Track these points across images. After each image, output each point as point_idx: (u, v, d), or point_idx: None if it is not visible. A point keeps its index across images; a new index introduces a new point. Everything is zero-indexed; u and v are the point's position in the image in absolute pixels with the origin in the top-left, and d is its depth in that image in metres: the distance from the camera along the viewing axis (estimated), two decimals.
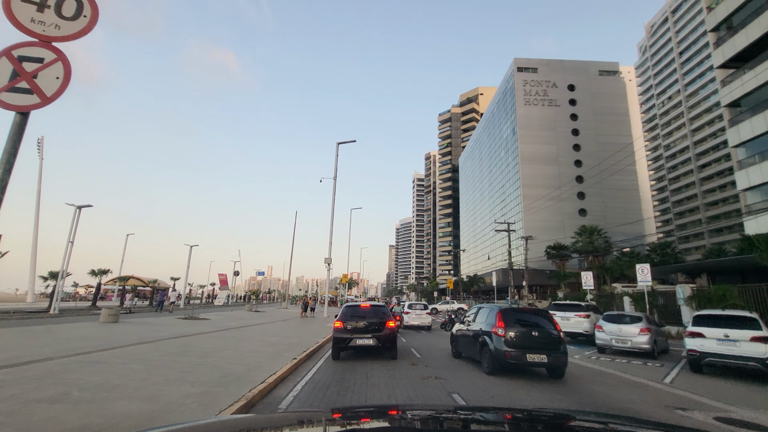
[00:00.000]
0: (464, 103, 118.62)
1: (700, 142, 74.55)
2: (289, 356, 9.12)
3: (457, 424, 1.49)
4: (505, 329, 8.15)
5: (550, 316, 8.86)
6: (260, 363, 7.98)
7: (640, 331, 11.94)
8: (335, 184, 31.09)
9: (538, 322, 8.55)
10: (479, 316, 9.67)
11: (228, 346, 10.25)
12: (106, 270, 32.50)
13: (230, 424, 1.58)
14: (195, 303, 51.71)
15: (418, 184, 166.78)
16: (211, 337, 12.22)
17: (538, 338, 8.15)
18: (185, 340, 10.99)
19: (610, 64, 65.56)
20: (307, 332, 15.97)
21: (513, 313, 8.72)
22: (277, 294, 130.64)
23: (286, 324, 20.31)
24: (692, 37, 77.35)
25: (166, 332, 12.74)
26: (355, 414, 1.81)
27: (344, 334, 9.53)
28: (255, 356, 8.84)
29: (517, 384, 7.46)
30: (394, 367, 8.85)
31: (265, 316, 26.38)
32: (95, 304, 31.71)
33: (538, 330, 8.27)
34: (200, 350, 9.26)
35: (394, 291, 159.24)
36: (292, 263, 45.23)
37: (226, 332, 14.01)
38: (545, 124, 60.44)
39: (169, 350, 9.14)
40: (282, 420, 1.71)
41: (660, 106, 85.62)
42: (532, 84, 62.25)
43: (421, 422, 1.50)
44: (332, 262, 29.43)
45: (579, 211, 58.01)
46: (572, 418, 1.59)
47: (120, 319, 16.32)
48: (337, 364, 9.29)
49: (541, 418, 1.69)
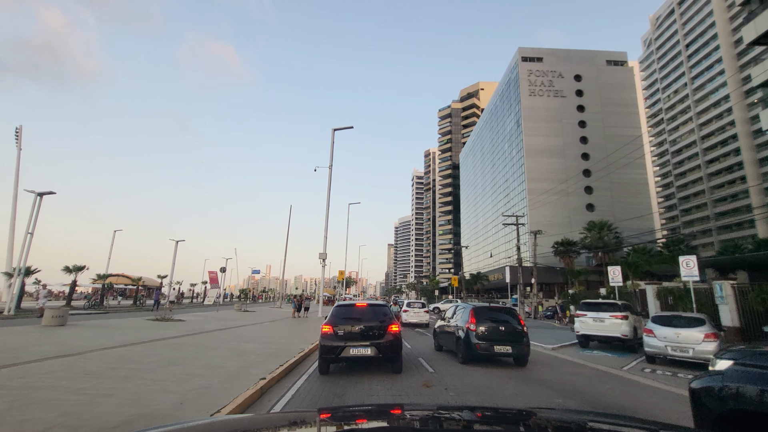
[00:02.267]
0: (465, 98, 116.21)
1: (708, 136, 72.41)
2: (257, 374, 6.68)
3: (446, 424, 1.48)
4: (477, 325, 9.13)
5: (515, 313, 9.90)
6: (203, 392, 5.50)
7: (705, 337, 9.54)
8: (331, 173, 28.97)
9: (505, 318, 9.51)
10: (456, 313, 10.56)
11: (179, 360, 7.78)
12: (82, 266, 29.94)
13: (230, 423, 1.56)
14: (184, 303, 49.19)
15: (418, 181, 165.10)
16: (168, 345, 9.75)
17: (504, 332, 9.14)
18: (126, 351, 8.52)
19: (617, 54, 63.18)
20: (294, 336, 13.53)
21: (484, 311, 9.66)
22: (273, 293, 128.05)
23: (273, 326, 17.87)
24: (699, 29, 75.09)
25: (111, 339, 10.26)
26: (345, 415, 1.77)
27: (334, 341, 7.35)
28: (205, 377, 6.38)
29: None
30: (400, 384, 6.42)
31: (252, 317, 23.93)
32: (70, 304, 29.16)
33: (505, 325, 9.26)
34: (130, 368, 6.79)
35: (394, 290, 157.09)
36: (290, 261, 42.94)
37: (193, 338, 11.55)
38: (551, 116, 57.99)
39: (81, 368, 6.67)
40: (280, 420, 1.70)
41: (666, 101, 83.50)
42: (537, 74, 59.76)
43: (410, 422, 1.49)
44: (327, 258, 27.08)
45: (586, 206, 55.64)
46: (534, 415, 1.60)
47: (75, 321, 13.87)
48: (325, 382, 6.93)
49: (522, 414, 1.71)
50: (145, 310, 29.34)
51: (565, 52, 62.31)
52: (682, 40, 78.87)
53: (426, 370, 8.20)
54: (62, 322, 12.41)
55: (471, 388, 6.68)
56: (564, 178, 54.83)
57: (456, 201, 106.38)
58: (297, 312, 26.90)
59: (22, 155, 26.25)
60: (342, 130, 30.31)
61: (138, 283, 39.80)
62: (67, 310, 12.99)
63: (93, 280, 36.21)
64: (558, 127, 57.85)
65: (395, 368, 7.76)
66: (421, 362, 9.20)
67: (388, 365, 7.90)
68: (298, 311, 26.97)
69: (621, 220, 49.43)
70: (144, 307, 33.88)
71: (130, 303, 39.23)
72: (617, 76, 60.68)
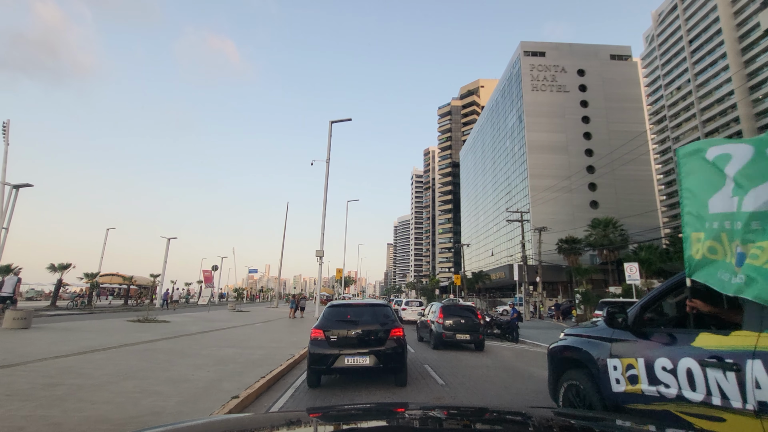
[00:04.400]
0: (465, 96, 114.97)
1: (712, 133, 71.31)
2: (230, 390, 5.40)
3: (437, 423, 1.47)
4: (444, 319, 11.55)
5: (474, 309, 12.49)
6: (150, 419, 4.22)
7: None
8: (328, 167, 27.67)
9: (466, 314, 11.94)
10: (431, 310, 13.22)
11: (139, 372, 6.49)
12: (68, 265, 28.59)
13: (230, 423, 1.55)
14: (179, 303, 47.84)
15: (417, 180, 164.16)
16: (135, 351, 8.45)
17: (464, 324, 11.58)
18: (80, 361, 7.23)
19: (621, 48, 61.97)
20: (285, 339, 12.27)
21: (450, 307, 12.14)
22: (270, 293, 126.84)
23: (265, 327, 16.59)
24: (703, 24, 73.94)
25: (72, 345, 8.95)
26: (337, 415, 1.73)
27: (326, 349, 6.12)
28: (163, 396, 5.09)
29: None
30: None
31: (245, 317, 22.63)
32: (55, 304, 27.83)
33: (465, 318, 11.74)
34: (72, 385, 5.49)
35: (393, 290, 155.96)
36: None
37: (170, 342, 10.27)
38: (554, 111, 56.76)
39: (7, 385, 5.39)
40: (280, 419, 1.65)
41: (668, 97, 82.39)
42: (539, 69, 58.50)
43: (400, 420, 1.49)
44: (326, 257, 25.80)
45: (590, 203, 54.47)
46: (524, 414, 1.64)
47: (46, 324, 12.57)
48: (315, 398, 5.70)
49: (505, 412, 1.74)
50: (134, 311, 28.04)
51: (568, 46, 61.10)
52: (685, 36, 77.70)
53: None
54: (26, 324, 11.10)
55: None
56: (567, 174, 53.63)
57: (456, 200, 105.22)
58: (294, 312, 25.62)
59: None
60: (340, 122, 29.17)
61: (128, 282, 38.43)
62: (32, 312, 11.69)
63: (85, 280, 34.82)
64: (561, 122, 56.64)
65: (399, 380, 6.52)
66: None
67: (390, 377, 6.70)
68: (296, 311, 25.68)
69: (625, 217, 48.31)
70: (136, 307, 32.66)
71: (121, 303, 37.89)
72: (621, 71, 59.50)
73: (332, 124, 28.65)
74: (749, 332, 2.13)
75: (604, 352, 3.13)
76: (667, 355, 2.52)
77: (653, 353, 2.65)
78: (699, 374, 2.27)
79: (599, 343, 3.25)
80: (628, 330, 2.99)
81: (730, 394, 2.09)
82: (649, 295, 3.15)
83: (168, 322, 16.14)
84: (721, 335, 2.26)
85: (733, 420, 2.06)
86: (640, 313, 2.99)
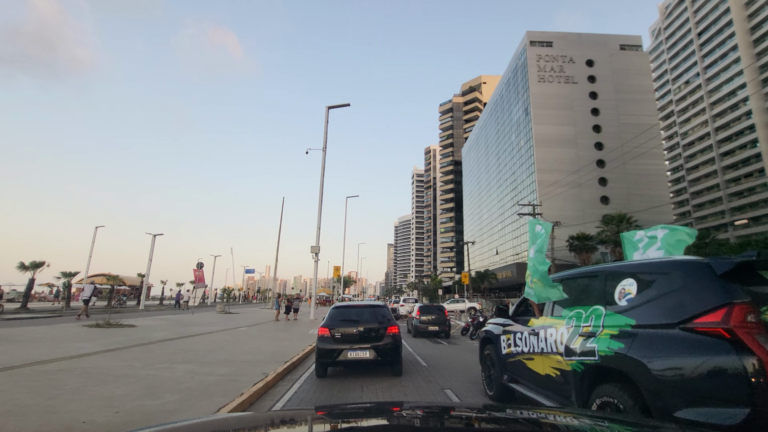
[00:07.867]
0: (466, 92, 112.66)
1: (722, 127, 69.02)
2: None
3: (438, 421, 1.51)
4: (420, 315, 15.80)
5: (443, 308, 16.42)
6: None
7: None
8: (324, 156, 25.52)
9: (436, 311, 16.05)
10: (413, 309, 18.41)
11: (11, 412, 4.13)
12: (41, 263, 26.18)
13: (230, 422, 1.56)
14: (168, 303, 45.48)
15: (418, 179, 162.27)
16: (43, 373, 6.08)
17: (434, 318, 15.69)
18: None
19: (631, 38, 59.54)
20: (266, 349, 9.93)
21: (425, 306, 16.82)
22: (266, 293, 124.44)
23: (248, 332, 14.25)
24: (712, 16, 71.72)
25: None
26: (341, 413, 1.76)
27: (332, 344, 7.23)
28: None
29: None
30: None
31: (230, 321, 20.28)
32: (26, 306, 25.45)
33: (436, 315, 15.85)
34: None
35: (394, 290, 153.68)
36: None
37: (108, 356, 7.90)
38: (562, 103, 54.38)
39: None
40: (280, 418, 1.69)
41: (676, 92, 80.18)
42: (546, 59, 56.12)
43: (410, 419, 1.52)
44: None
45: (601, 198, 52.08)
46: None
47: None
48: None
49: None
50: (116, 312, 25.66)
51: (576, 36, 58.73)
52: (693, 29, 75.40)
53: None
54: None
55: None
56: (576, 168, 51.29)
57: (458, 198, 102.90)
58: (287, 314, 23.28)
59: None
60: (337, 107, 27.00)
61: (113, 282, 36.09)
62: None
63: (78, 280, 32.38)
64: (569, 115, 54.28)
65: (395, 371, 7.57)
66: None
67: (387, 368, 7.78)
68: (286, 313, 23.33)
69: (635, 211, 46.00)
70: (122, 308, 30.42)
71: (105, 304, 35.51)
72: (631, 62, 57.11)
73: (329, 109, 26.62)
74: (543, 317, 4.50)
75: (499, 330, 5.54)
76: (519, 330, 4.89)
77: (515, 330, 5.01)
78: (528, 339, 4.57)
79: (499, 327, 5.63)
80: (509, 318, 5.41)
81: (536, 347, 4.34)
82: (519, 300, 5.53)
83: (133, 326, 13.77)
84: (535, 319, 4.68)
85: (538, 358, 4.27)
86: (515, 309, 5.44)
